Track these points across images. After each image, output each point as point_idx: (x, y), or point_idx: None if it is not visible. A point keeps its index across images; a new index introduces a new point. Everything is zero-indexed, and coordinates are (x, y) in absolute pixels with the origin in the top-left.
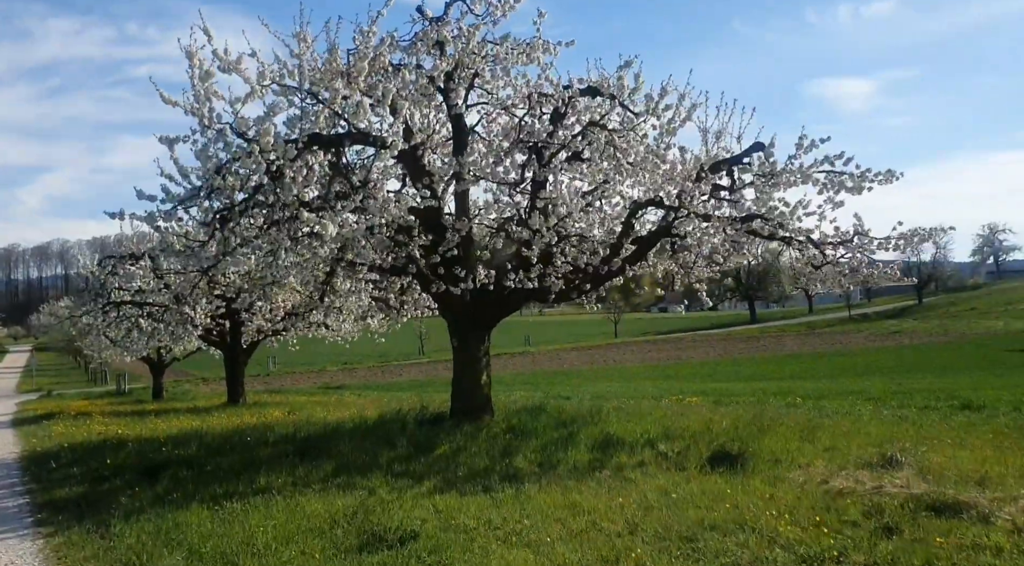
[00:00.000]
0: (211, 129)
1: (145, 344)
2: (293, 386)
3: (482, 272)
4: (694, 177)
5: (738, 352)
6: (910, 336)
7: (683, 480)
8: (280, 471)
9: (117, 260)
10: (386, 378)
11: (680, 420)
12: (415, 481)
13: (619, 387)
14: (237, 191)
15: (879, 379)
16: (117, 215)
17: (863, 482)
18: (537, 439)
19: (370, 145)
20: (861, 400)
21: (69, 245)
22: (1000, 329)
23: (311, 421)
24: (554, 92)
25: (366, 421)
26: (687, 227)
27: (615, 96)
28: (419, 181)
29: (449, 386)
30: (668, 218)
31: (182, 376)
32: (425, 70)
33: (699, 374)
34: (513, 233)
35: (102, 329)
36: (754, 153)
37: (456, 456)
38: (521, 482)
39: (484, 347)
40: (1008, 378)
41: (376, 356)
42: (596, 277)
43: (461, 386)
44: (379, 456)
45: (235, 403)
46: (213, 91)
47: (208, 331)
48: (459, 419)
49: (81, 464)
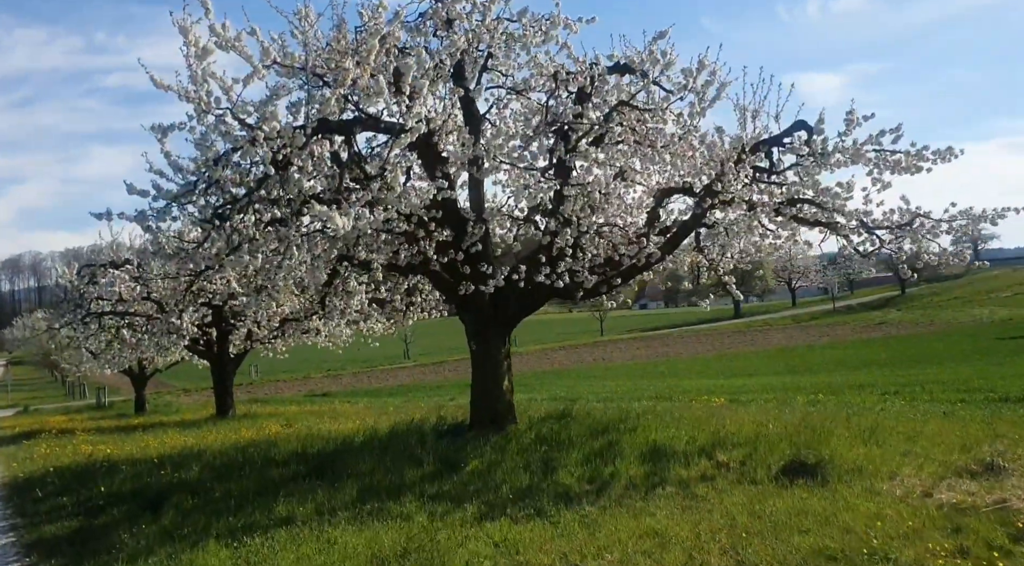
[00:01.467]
0: (210, 114)
1: (129, 356)
2: (278, 395)
3: (504, 268)
4: (735, 159)
5: (726, 347)
6: (897, 326)
7: (761, 495)
8: (299, 496)
9: (97, 268)
10: (372, 384)
11: (724, 424)
12: (454, 505)
13: (617, 386)
14: (238, 185)
15: (879, 371)
16: (104, 216)
17: (977, 494)
18: (576, 450)
19: (382, 132)
20: (880, 394)
21: (41, 257)
22: (986, 317)
23: (315, 435)
24: (579, 70)
25: (377, 433)
26: (724, 215)
27: (646, 73)
28: (434, 170)
29: (438, 390)
30: (704, 205)
31: (162, 387)
32: (436, 49)
33: (694, 370)
34: (542, 223)
35: (82, 341)
36: (796, 132)
37: (491, 473)
38: (576, 503)
39: (505, 349)
40: (1011, 366)
41: (360, 361)
42: (628, 270)
43: (482, 392)
44: (405, 475)
45: (224, 415)
46: (211, 73)
47: (194, 341)
48: (481, 429)
49: (71, 492)
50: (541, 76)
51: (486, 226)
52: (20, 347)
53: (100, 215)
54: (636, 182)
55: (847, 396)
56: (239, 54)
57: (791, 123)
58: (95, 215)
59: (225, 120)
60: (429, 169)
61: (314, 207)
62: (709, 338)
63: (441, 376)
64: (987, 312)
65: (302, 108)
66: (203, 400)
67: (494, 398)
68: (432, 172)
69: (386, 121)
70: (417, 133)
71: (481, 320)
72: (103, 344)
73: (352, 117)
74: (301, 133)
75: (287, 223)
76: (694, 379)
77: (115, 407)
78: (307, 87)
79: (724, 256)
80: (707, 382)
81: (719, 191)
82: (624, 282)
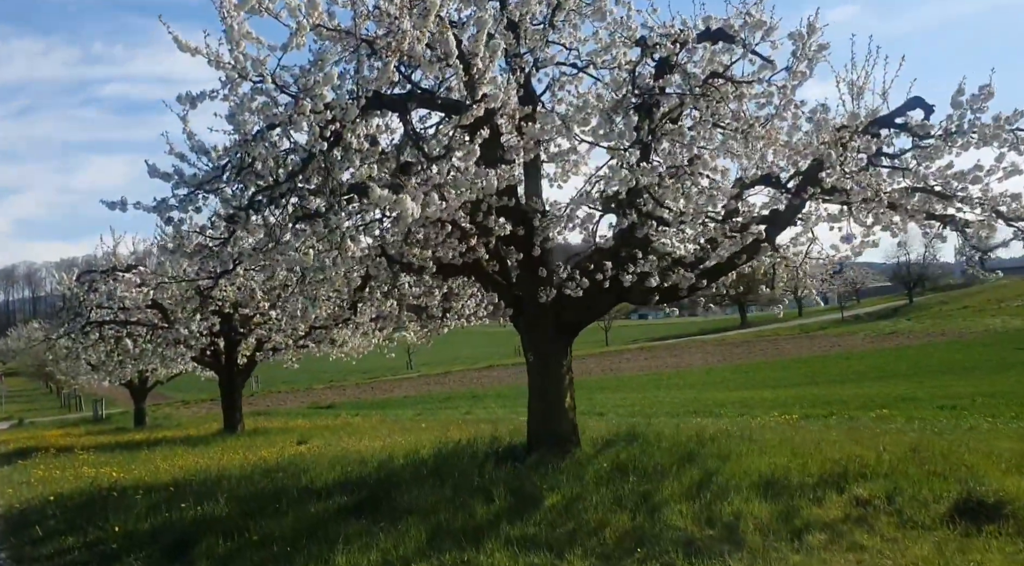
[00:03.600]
0: (246, 82)
1: (131, 368)
2: (281, 407)
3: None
4: (847, 140)
5: (737, 357)
6: (908, 336)
7: (949, 548)
8: (357, 541)
9: (98, 274)
10: (377, 395)
11: (821, 448)
12: (552, 554)
13: (636, 398)
14: (277, 168)
15: (907, 383)
16: (118, 205)
17: None
18: (671, 482)
19: (438, 109)
20: (939, 408)
21: (36, 267)
22: (999, 327)
23: (344, 456)
24: (661, 38)
25: (420, 456)
26: (815, 207)
27: (746, 43)
28: (493, 155)
29: (447, 403)
30: (804, 196)
31: (160, 399)
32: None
33: (710, 382)
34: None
35: (81, 352)
36: (911, 110)
37: (578, 509)
38: (708, 554)
39: (567, 360)
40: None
41: (362, 372)
42: (713, 270)
43: (541, 410)
44: (475, 511)
45: (233, 431)
46: (246, 32)
47: (201, 352)
48: (543, 453)
49: (77, 530)
50: (615, 46)
51: (552, 220)
52: (15, 358)
53: (114, 204)
54: (707, 171)
55: (910, 411)
56: (273, 16)
57: (905, 100)
58: (109, 204)
59: (263, 88)
60: (489, 153)
61: (374, 191)
62: (718, 348)
63: (447, 387)
64: (999, 322)
65: (346, 81)
66: (204, 412)
67: (556, 417)
68: (492, 156)
69: (443, 97)
70: (493, 105)
71: (540, 327)
72: (103, 355)
73: (405, 91)
74: (355, 104)
75: (327, 216)
76: (714, 391)
77: (113, 420)
78: (357, 53)
79: (806, 256)
80: (730, 395)
81: (822, 179)
82: (710, 282)
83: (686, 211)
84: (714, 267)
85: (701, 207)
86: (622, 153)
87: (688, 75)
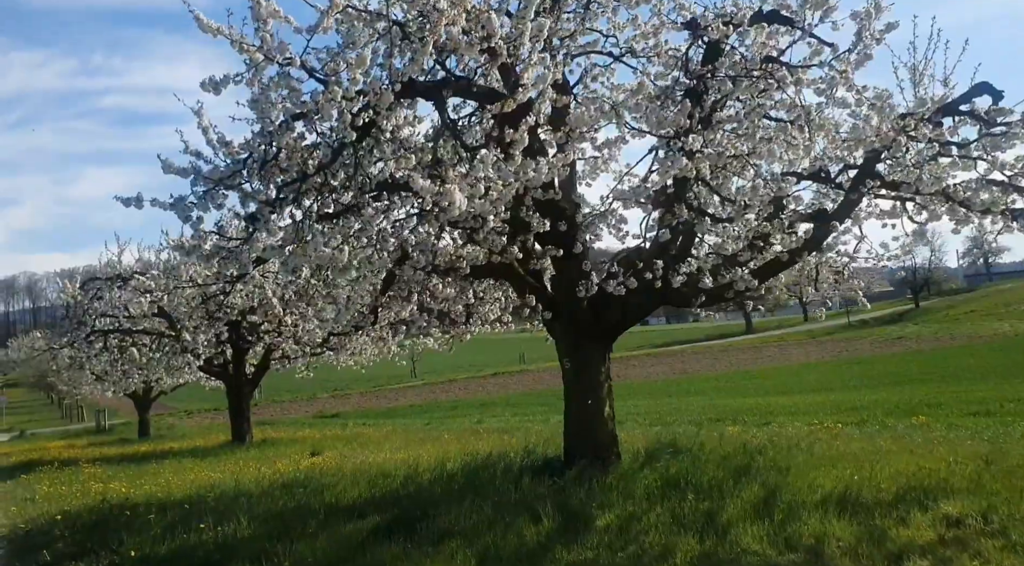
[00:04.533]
0: (275, 63)
1: (136, 378)
2: (285, 416)
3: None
4: (912, 128)
5: (745, 364)
6: (917, 341)
7: None
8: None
9: (104, 282)
10: (381, 404)
11: (892, 459)
12: None
13: (650, 405)
14: (307, 158)
15: (923, 387)
16: (133, 202)
17: None
18: (732, 500)
19: (474, 97)
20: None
21: (37, 278)
22: (1008, 331)
23: (366, 471)
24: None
25: (447, 469)
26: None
27: (803, 26)
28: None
29: (455, 411)
30: (862, 190)
31: (163, 409)
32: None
33: (721, 388)
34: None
35: (85, 362)
36: (977, 97)
37: (635, 531)
38: None
39: (606, 367)
40: None
41: (365, 381)
42: (765, 268)
43: (579, 420)
44: (522, 533)
45: (242, 442)
46: (273, 10)
47: (208, 361)
48: (583, 466)
49: (88, 555)
50: (663, 28)
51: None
52: (16, 369)
53: (129, 200)
54: (760, 161)
55: (945, 417)
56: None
57: (970, 87)
58: (123, 200)
59: (290, 73)
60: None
61: (416, 181)
62: (725, 354)
63: (453, 395)
64: (1008, 326)
65: (373, 68)
66: (208, 422)
67: (595, 427)
68: (529, 149)
69: (479, 85)
70: (526, 97)
71: (578, 331)
72: (107, 365)
73: (440, 78)
74: (390, 90)
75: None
76: (727, 397)
77: (116, 431)
78: (388, 36)
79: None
80: (745, 401)
81: (880, 173)
82: (761, 282)
83: (737, 204)
84: (764, 266)
85: (755, 198)
86: (674, 141)
87: (740, 60)
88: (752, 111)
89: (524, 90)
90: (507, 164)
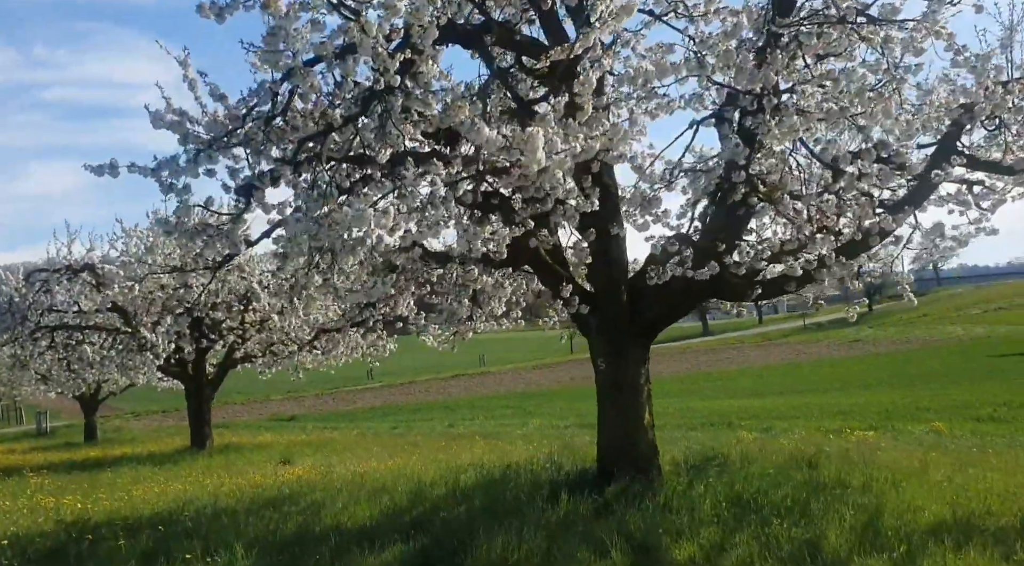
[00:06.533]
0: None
1: (88, 378)
2: (239, 419)
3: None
4: (1016, 91)
5: (705, 365)
6: (873, 344)
7: None
8: None
9: (51, 274)
10: (339, 407)
11: (976, 476)
12: None
13: None
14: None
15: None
16: (106, 169)
17: None
18: (821, 523)
19: (515, 49)
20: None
21: None
22: (962, 334)
23: (360, 484)
24: None
25: (461, 483)
26: None
27: None
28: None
29: (417, 414)
30: (941, 170)
31: (109, 411)
32: None
33: (685, 391)
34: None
35: (29, 361)
36: None
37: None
38: None
39: (646, 368)
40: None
41: (321, 383)
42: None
43: (615, 428)
44: None
45: (202, 447)
46: None
47: (167, 360)
48: (622, 480)
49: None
50: None
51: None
52: None
53: (102, 168)
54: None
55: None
56: None
57: None
58: (94, 169)
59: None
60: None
61: (482, 131)
62: (684, 356)
63: (415, 397)
64: (961, 330)
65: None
66: (156, 425)
67: (635, 437)
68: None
69: (524, 35)
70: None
71: (614, 328)
72: (53, 364)
73: (480, 23)
74: (433, 26)
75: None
76: (694, 400)
77: (59, 434)
78: None
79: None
80: (713, 403)
81: (963, 149)
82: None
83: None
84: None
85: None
86: (761, 99)
87: (817, 13)
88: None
89: (584, 37)
90: (578, 116)
